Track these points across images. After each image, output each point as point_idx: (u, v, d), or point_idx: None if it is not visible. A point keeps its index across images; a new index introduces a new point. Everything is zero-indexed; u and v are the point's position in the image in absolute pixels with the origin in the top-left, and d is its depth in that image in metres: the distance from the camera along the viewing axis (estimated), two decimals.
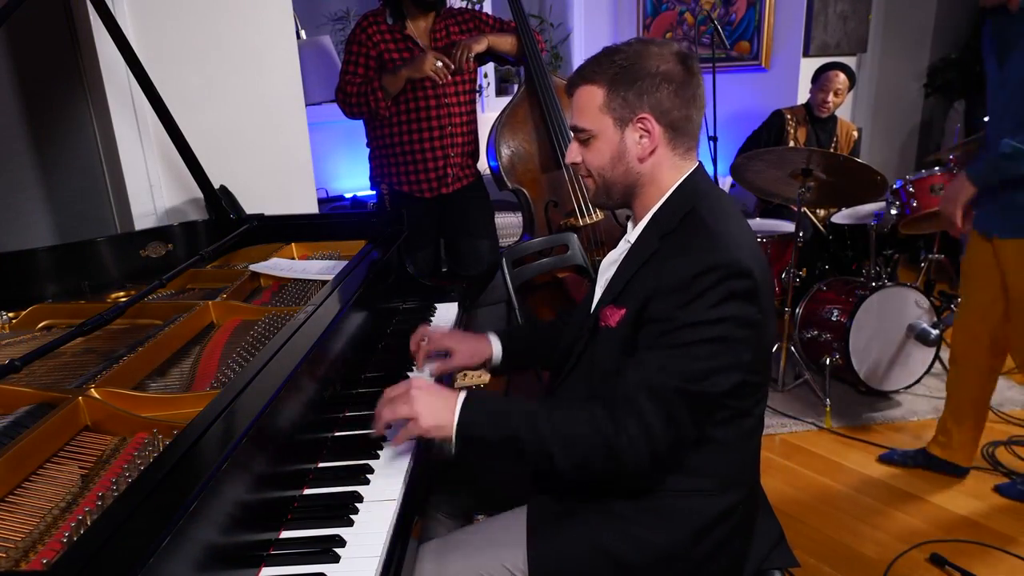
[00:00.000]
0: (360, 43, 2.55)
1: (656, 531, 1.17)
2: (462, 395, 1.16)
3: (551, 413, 1.13)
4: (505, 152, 2.81)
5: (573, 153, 1.27)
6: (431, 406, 1.14)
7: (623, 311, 1.18)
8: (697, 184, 1.23)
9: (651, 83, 1.17)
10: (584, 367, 1.28)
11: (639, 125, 1.19)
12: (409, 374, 1.55)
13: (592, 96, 1.20)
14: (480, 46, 2.58)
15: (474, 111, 2.77)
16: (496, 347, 1.52)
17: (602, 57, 1.21)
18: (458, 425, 1.13)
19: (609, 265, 1.30)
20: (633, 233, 1.26)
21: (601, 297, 1.27)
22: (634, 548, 1.17)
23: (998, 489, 2.37)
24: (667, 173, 1.23)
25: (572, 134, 1.27)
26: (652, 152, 1.20)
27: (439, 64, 2.46)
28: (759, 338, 1.15)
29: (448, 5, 2.74)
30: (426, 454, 1.26)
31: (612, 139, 1.21)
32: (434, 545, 1.25)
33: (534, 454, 1.12)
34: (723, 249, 1.10)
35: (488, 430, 1.14)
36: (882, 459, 2.57)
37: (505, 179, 2.82)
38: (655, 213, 1.23)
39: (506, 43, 2.67)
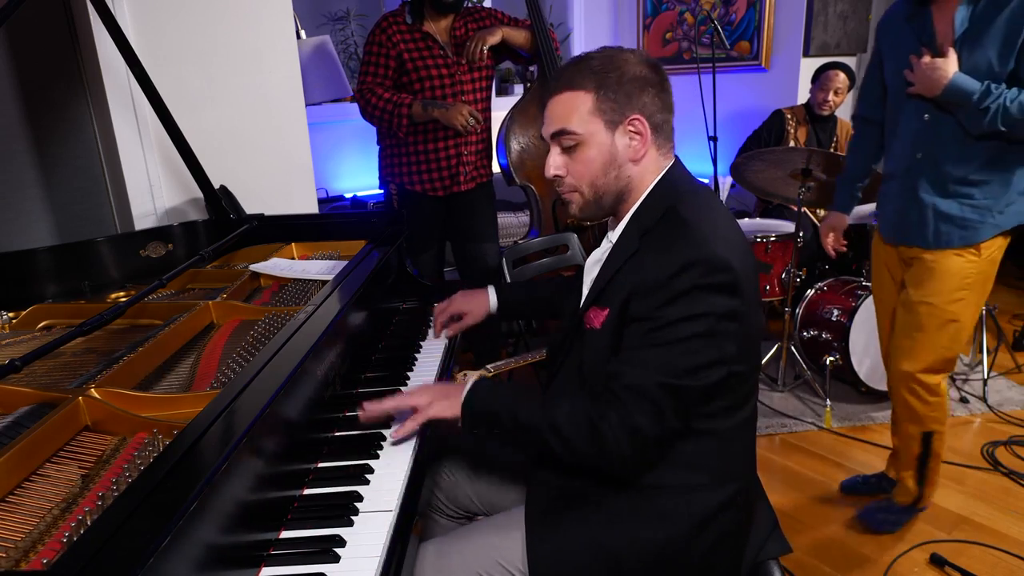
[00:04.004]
0: (380, 44, 2.56)
1: (654, 528, 1.17)
2: (471, 380, 1.24)
3: (547, 400, 1.19)
4: (515, 148, 2.81)
5: (556, 164, 1.24)
6: (442, 392, 1.25)
7: (606, 311, 1.19)
8: (675, 180, 1.24)
9: (636, 86, 1.18)
10: (571, 369, 1.30)
11: (630, 127, 1.19)
12: (410, 374, 1.55)
13: (579, 101, 1.19)
14: (495, 38, 2.60)
15: (489, 107, 2.77)
16: (492, 298, 1.67)
17: (579, 64, 1.21)
18: (464, 401, 1.21)
19: (593, 264, 1.31)
20: (615, 233, 1.27)
21: (586, 298, 1.28)
22: (632, 545, 1.17)
23: (860, 517, 2.23)
24: (651, 174, 1.24)
25: (551, 145, 1.24)
26: (644, 154, 1.21)
27: (471, 121, 2.51)
28: (744, 329, 1.15)
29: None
30: (423, 471, 1.31)
31: (603, 143, 1.20)
32: (433, 545, 1.25)
33: (528, 431, 1.17)
34: (701, 244, 1.11)
35: (490, 407, 1.21)
36: (845, 487, 2.42)
37: (514, 175, 2.83)
38: (635, 211, 1.24)
39: (520, 37, 2.69)
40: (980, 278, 1.94)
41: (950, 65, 1.81)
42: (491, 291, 1.68)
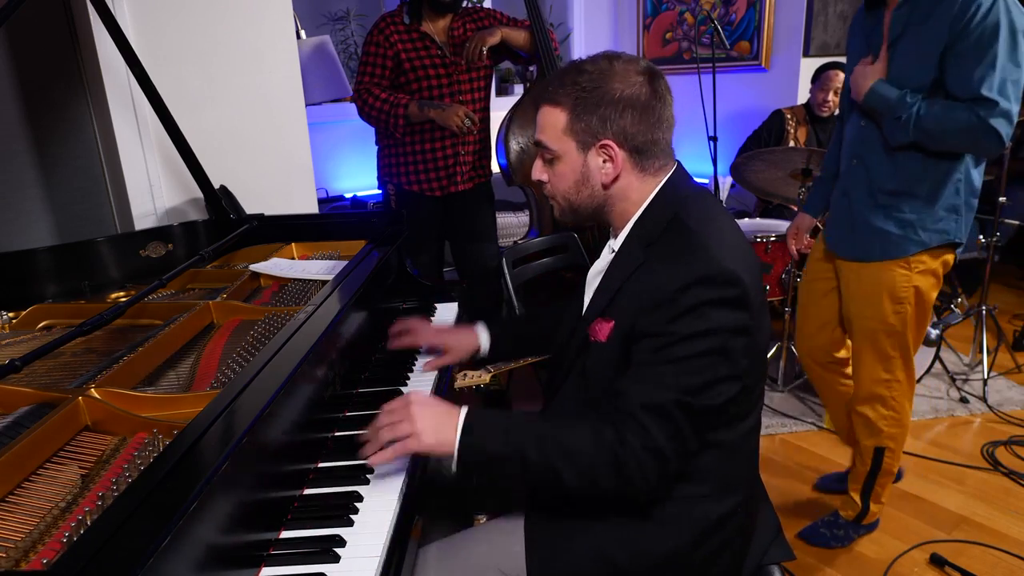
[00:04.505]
0: (378, 44, 2.56)
1: (657, 538, 1.16)
2: (464, 411, 1.13)
3: (556, 430, 1.12)
4: (514, 148, 2.81)
5: (538, 170, 1.25)
6: (432, 422, 1.11)
7: (612, 324, 1.16)
8: (677, 189, 1.21)
9: (614, 109, 1.14)
10: (576, 381, 1.26)
11: (602, 150, 1.17)
12: (410, 374, 1.55)
13: (555, 117, 1.18)
14: (494, 39, 2.60)
15: (487, 108, 2.77)
16: (484, 338, 1.56)
17: (566, 77, 1.17)
18: (460, 444, 1.10)
19: (595, 275, 1.28)
20: (616, 242, 1.24)
21: (588, 309, 1.25)
22: (635, 556, 1.16)
23: (801, 536, 2.19)
24: (638, 190, 1.21)
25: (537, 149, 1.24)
26: (616, 178, 1.19)
27: (467, 122, 2.51)
28: (753, 342, 1.13)
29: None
30: (423, 471, 1.25)
31: (575, 162, 1.19)
32: (434, 549, 1.25)
33: (540, 472, 1.09)
34: (709, 258, 1.08)
35: (492, 447, 1.11)
36: (817, 486, 2.45)
37: (513, 175, 2.83)
38: (636, 222, 1.21)
39: (520, 37, 2.69)
40: (915, 292, 1.87)
41: (875, 71, 1.79)
42: (480, 330, 1.57)
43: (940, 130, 1.69)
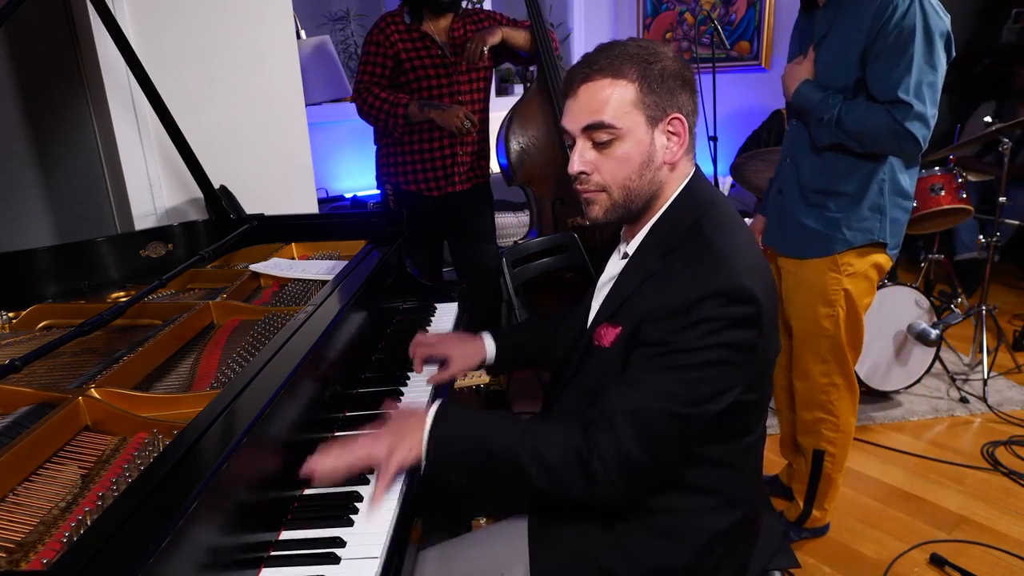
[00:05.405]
0: (378, 43, 2.57)
1: (659, 551, 1.15)
2: (433, 408, 1.12)
3: (526, 426, 1.11)
4: (514, 148, 2.81)
5: (584, 160, 1.12)
6: (397, 433, 1.11)
7: (618, 330, 1.13)
8: (697, 193, 1.16)
9: (675, 82, 1.10)
10: (577, 386, 1.23)
11: (669, 126, 1.10)
12: (410, 374, 1.55)
13: (619, 90, 1.08)
14: (495, 38, 2.60)
15: (487, 108, 2.77)
16: (490, 348, 1.49)
17: (615, 49, 1.10)
18: (429, 436, 1.09)
19: (606, 283, 1.25)
20: (630, 247, 1.20)
21: (597, 314, 1.22)
22: (637, 568, 1.15)
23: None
24: (676, 182, 1.16)
25: (578, 138, 1.13)
26: (680, 158, 1.13)
27: (467, 124, 2.51)
28: (760, 359, 1.10)
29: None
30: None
31: (642, 140, 1.10)
32: (434, 554, 1.24)
33: (506, 465, 1.07)
34: (728, 273, 1.04)
35: (459, 437, 1.10)
36: None
37: (514, 175, 2.83)
38: (654, 225, 1.16)
39: (520, 37, 2.69)
40: (845, 295, 1.88)
41: (801, 71, 1.82)
42: (487, 339, 1.49)
43: (860, 132, 1.72)
